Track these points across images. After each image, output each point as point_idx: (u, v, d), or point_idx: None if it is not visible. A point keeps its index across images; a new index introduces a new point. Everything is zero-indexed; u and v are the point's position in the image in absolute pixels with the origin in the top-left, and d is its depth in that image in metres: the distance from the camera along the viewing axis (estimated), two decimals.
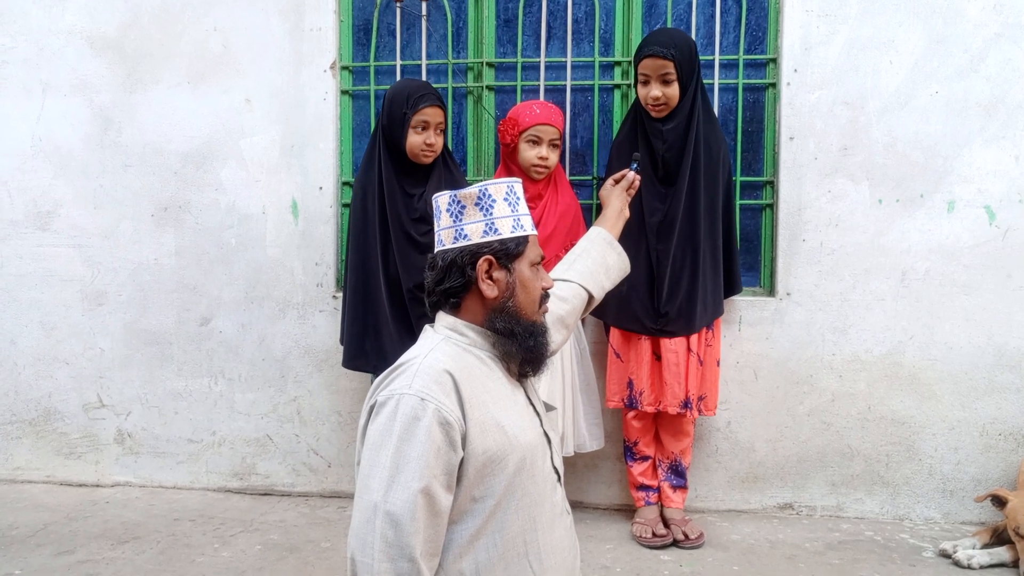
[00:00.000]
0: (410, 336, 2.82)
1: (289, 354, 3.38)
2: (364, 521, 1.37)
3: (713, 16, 3.17)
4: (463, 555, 1.44)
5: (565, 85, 3.24)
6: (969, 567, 2.65)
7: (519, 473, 1.48)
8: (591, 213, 3.16)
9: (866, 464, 3.12)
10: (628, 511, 3.13)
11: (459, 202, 1.56)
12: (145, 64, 3.40)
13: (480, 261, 1.54)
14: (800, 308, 3.11)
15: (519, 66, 3.25)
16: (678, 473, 2.98)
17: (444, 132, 2.88)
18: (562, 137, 2.99)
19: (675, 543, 2.85)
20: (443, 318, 1.60)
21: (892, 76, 3.04)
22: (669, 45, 2.71)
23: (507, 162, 3.02)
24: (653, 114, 2.83)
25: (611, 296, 2.92)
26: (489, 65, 3.28)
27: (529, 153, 2.91)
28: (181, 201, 3.41)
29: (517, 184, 1.61)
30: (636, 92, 2.88)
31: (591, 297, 2.03)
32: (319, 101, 3.31)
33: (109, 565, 2.72)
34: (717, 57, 3.16)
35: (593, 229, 2.19)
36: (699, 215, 2.83)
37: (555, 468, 1.61)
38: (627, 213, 2.35)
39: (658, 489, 3.01)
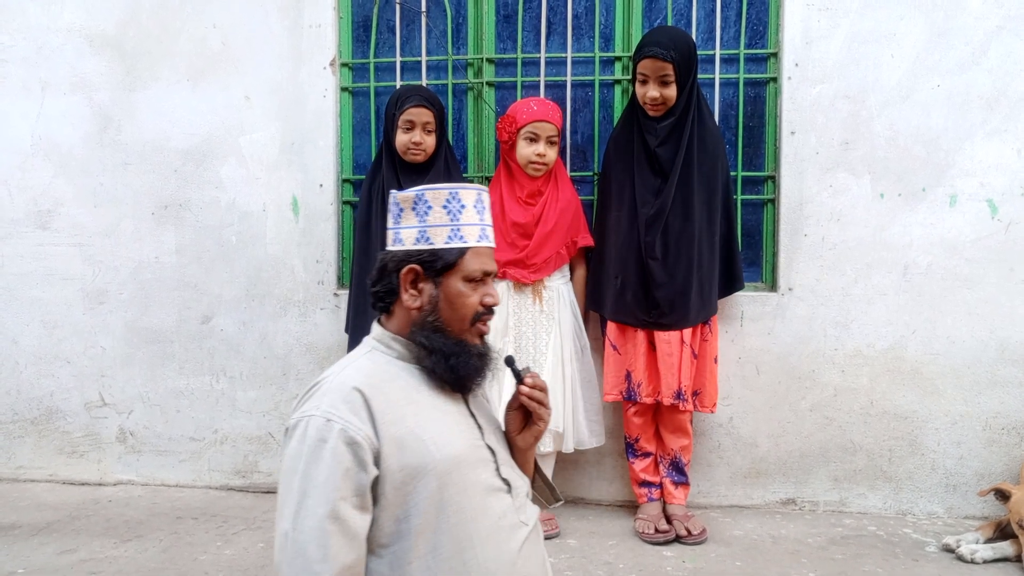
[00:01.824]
0: None
1: (290, 352, 3.38)
2: (278, 550, 1.31)
3: (714, 11, 3.16)
4: None
5: (565, 81, 3.23)
6: (972, 561, 2.65)
7: (446, 488, 1.39)
8: (591, 209, 3.15)
9: (868, 459, 3.11)
10: (631, 507, 3.13)
11: (398, 204, 1.50)
12: (144, 62, 3.40)
13: (405, 270, 1.48)
14: (802, 303, 3.11)
15: (519, 62, 3.24)
16: (679, 470, 2.98)
17: (436, 132, 2.94)
18: (560, 134, 2.99)
19: (678, 539, 2.85)
20: (375, 328, 1.55)
21: (893, 70, 3.03)
22: (669, 47, 2.72)
23: (506, 159, 3.02)
24: (650, 113, 2.84)
25: (607, 290, 2.95)
26: (489, 61, 3.27)
27: (527, 150, 2.91)
28: (181, 199, 3.41)
29: (468, 191, 1.51)
30: (633, 89, 2.88)
31: None
32: (319, 98, 3.30)
33: (112, 563, 2.72)
34: (718, 52, 3.15)
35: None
36: (693, 209, 2.83)
37: (504, 480, 1.51)
38: (518, 440, 1.64)
39: (660, 485, 3.01)
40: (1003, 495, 2.69)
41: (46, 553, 2.80)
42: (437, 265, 1.48)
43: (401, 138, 2.91)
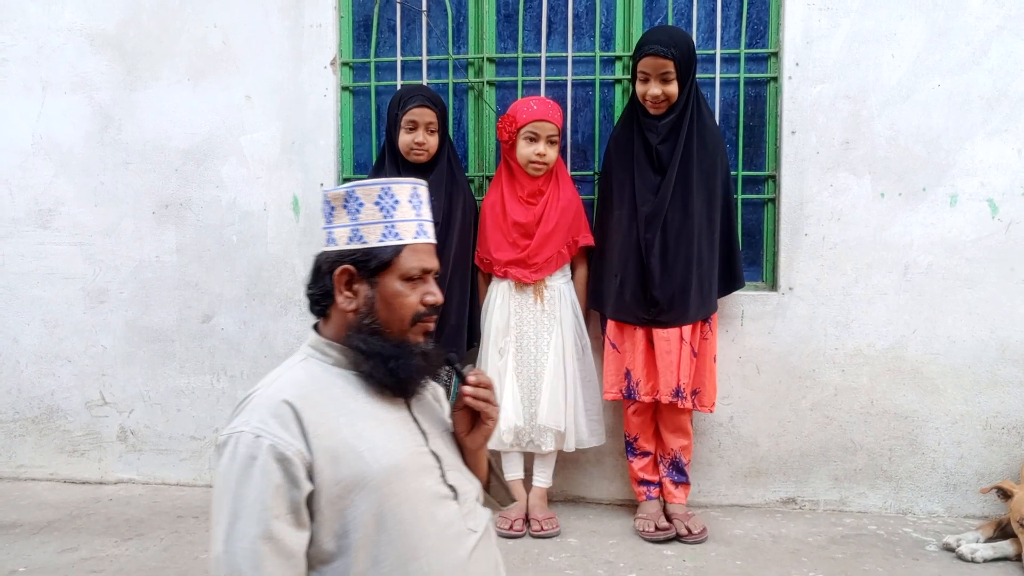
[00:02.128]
0: None
1: (291, 351, 3.30)
2: (212, 574, 1.27)
3: (714, 10, 3.16)
4: None
5: (566, 80, 3.23)
6: (973, 561, 2.65)
7: (386, 500, 1.34)
8: (592, 209, 3.15)
9: (869, 458, 3.12)
10: (631, 506, 3.13)
11: (329, 202, 1.43)
12: (145, 61, 3.40)
13: (338, 271, 1.41)
14: (802, 302, 3.11)
15: (520, 61, 3.24)
16: (679, 469, 2.98)
17: (438, 132, 2.94)
18: (561, 133, 2.99)
19: (678, 538, 2.85)
20: (309, 335, 1.50)
21: (894, 69, 3.03)
22: (670, 45, 2.73)
23: (507, 159, 3.02)
24: (651, 111, 2.84)
25: (606, 289, 2.95)
26: (490, 60, 3.27)
27: (527, 150, 2.92)
28: (182, 198, 3.41)
29: (402, 186, 1.44)
30: (633, 88, 2.89)
31: None
32: (319, 97, 3.30)
33: (113, 562, 2.72)
34: (718, 51, 3.15)
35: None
36: (692, 207, 2.83)
37: (450, 486, 1.45)
38: (468, 441, 1.57)
39: (660, 484, 3.01)
40: (1005, 493, 2.69)
41: (47, 552, 2.81)
42: (371, 264, 1.41)
43: (404, 138, 2.92)
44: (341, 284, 1.42)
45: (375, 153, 3.33)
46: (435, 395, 1.59)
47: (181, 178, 3.40)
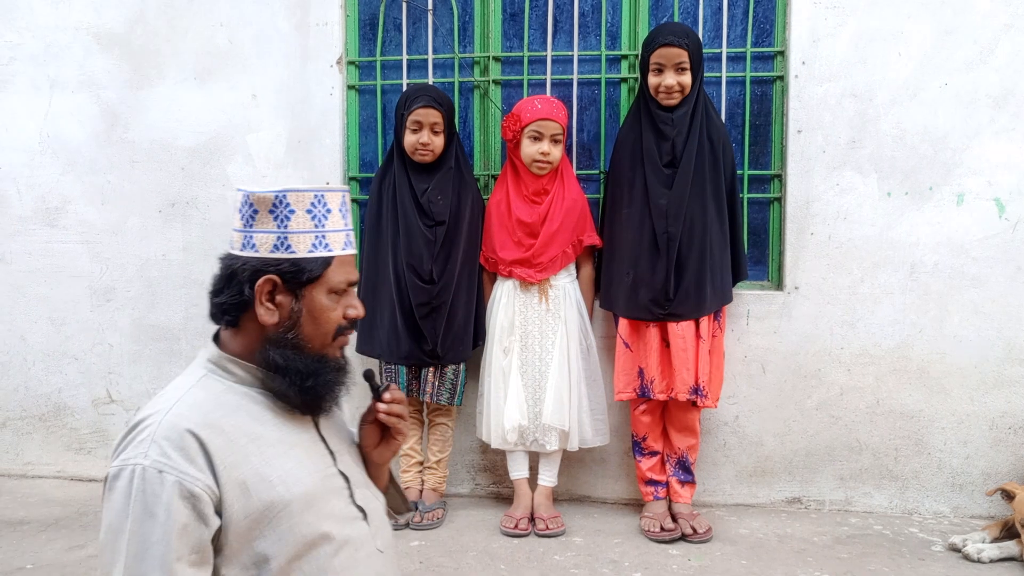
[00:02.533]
0: (411, 327, 2.95)
1: None
2: None
3: (720, 9, 3.15)
4: None
5: (572, 79, 3.23)
6: (979, 561, 2.64)
7: (297, 528, 1.28)
8: (597, 208, 3.15)
9: (874, 458, 3.11)
10: (636, 505, 3.13)
11: (252, 205, 1.32)
12: (151, 60, 3.41)
13: (261, 281, 1.30)
14: (808, 302, 3.10)
15: (525, 60, 3.25)
16: (685, 469, 2.98)
17: (444, 132, 2.95)
18: (566, 132, 2.98)
19: (683, 537, 2.85)
20: (208, 348, 1.37)
21: (901, 68, 3.02)
22: (683, 35, 2.77)
23: (512, 158, 3.02)
24: (664, 102, 2.84)
25: (618, 288, 2.95)
26: (495, 59, 3.27)
27: (531, 149, 2.92)
28: (188, 197, 3.42)
29: (334, 194, 1.36)
30: (645, 82, 2.88)
31: None
32: (325, 96, 3.31)
33: None
34: (724, 50, 3.15)
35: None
36: (707, 199, 2.85)
37: (358, 505, 1.41)
38: (375, 456, 1.55)
39: (666, 484, 3.01)
40: (1009, 495, 2.68)
41: (54, 549, 2.82)
42: (302, 277, 1.31)
43: (409, 139, 2.93)
44: (263, 295, 1.31)
45: (381, 151, 3.34)
46: (339, 403, 1.49)
47: (187, 176, 3.41)
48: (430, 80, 3.29)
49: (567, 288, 3.01)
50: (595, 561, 2.70)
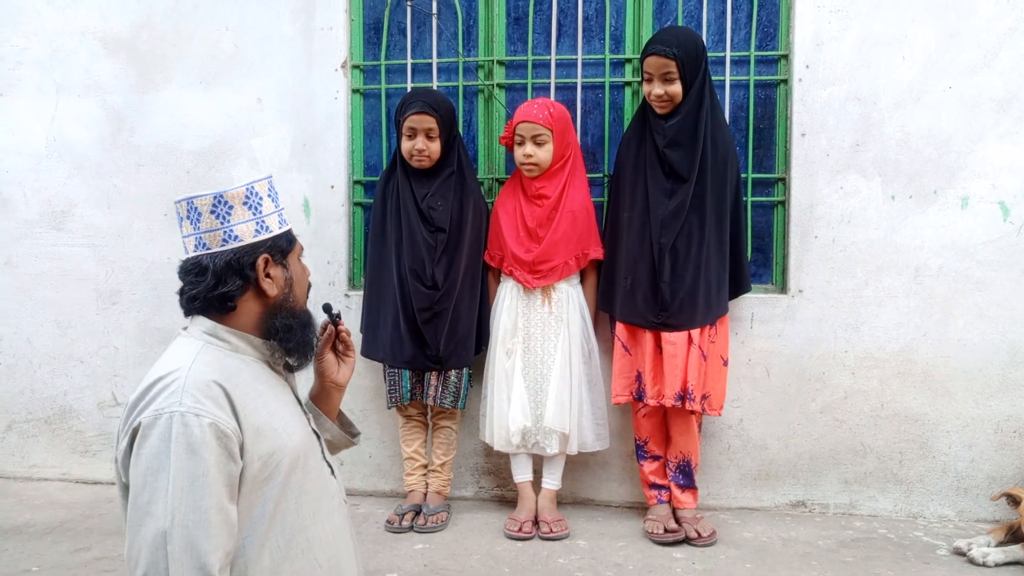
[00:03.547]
0: (414, 332, 2.97)
1: None
2: (153, 550, 1.30)
3: (724, 13, 3.16)
4: (254, 562, 1.42)
5: (576, 83, 3.24)
6: (984, 565, 2.64)
7: (293, 472, 1.48)
8: (601, 211, 3.16)
9: (879, 462, 3.11)
10: (640, 508, 3.13)
11: (226, 203, 1.51)
12: (157, 64, 3.42)
13: (259, 261, 1.52)
14: (812, 305, 3.10)
15: (529, 64, 3.25)
16: (685, 474, 2.97)
17: (440, 138, 2.93)
18: (562, 133, 2.93)
19: (687, 540, 2.85)
20: (201, 322, 1.54)
21: (905, 71, 3.02)
22: (672, 44, 2.75)
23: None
24: (657, 110, 2.86)
25: (617, 290, 2.96)
26: (500, 63, 3.28)
27: (517, 152, 2.94)
28: None
29: (262, 183, 1.59)
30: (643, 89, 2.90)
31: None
32: (330, 100, 3.32)
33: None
34: (728, 54, 3.15)
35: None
36: (706, 211, 2.84)
37: (327, 461, 1.63)
38: (339, 378, 1.76)
39: (669, 488, 3.00)
40: (1014, 500, 2.68)
41: (60, 551, 2.83)
42: (283, 250, 1.57)
43: (405, 145, 2.94)
44: (261, 271, 1.53)
45: (385, 155, 3.35)
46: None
47: (193, 180, 3.42)
48: (434, 84, 3.30)
49: (570, 292, 3.02)
50: (599, 564, 2.70)
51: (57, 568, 2.69)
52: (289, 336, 1.55)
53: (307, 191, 3.35)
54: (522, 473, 3.05)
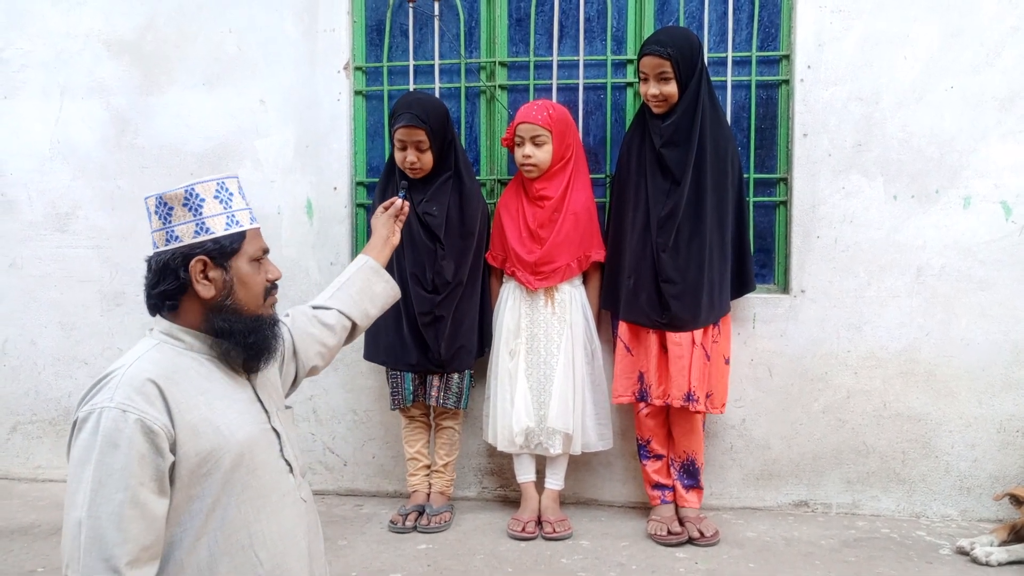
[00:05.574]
0: (416, 335, 2.98)
1: None
2: (71, 538, 1.35)
3: (726, 13, 3.16)
4: (189, 554, 1.46)
5: (578, 84, 3.24)
6: (987, 564, 2.64)
7: (236, 469, 1.50)
8: (604, 212, 3.16)
9: (882, 461, 3.11)
10: (643, 509, 3.14)
11: (166, 204, 1.54)
12: (161, 66, 3.44)
13: (193, 262, 1.53)
14: (814, 305, 3.10)
15: (531, 65, 3.26)
16: (690, 474, 2.97)
17: (432, 148, 2.90)
18: (561, 133, 2.93)
19: (690, 541, 2.85)
20: (159, 322, 1.59)
21: (907, 71, 3.02)
22: (666, 44, 2.76)
23: None
24: (654, 110, 2.87)
25: (620, 290, 2.96)
26: (502, 64, 3.29)
27: (516, 153, 2.95)
28: None
29: (231, 180, 1.61)
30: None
31: (355, 325, 2.04)
32: (333, 101, 3.33)
33: None
34: (730, 54, 3.15)
35: (360, 257, 2.13)
36: (705, 211, 2.83)
37: (286, 460, 1.64)
38: (395, 240, 2.19)
39: (673, 488, 3.01)
40: (1017, 500, 2.68)
41: None
42: (226, 251, 1.56)
43: (397, 156, 2.94)
44: (197, 273, 1.53)
45: (388, 156, 3.35)
46: (272, 379, 1.73)
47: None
48: (436, 85, 3.31)
49: (573, 292, 3.02)
50: (602, 564, 2.70)
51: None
52: (230, 339, 1.55)
53: (310, 192, 3.36)
54: (525, 473, 3.06)
